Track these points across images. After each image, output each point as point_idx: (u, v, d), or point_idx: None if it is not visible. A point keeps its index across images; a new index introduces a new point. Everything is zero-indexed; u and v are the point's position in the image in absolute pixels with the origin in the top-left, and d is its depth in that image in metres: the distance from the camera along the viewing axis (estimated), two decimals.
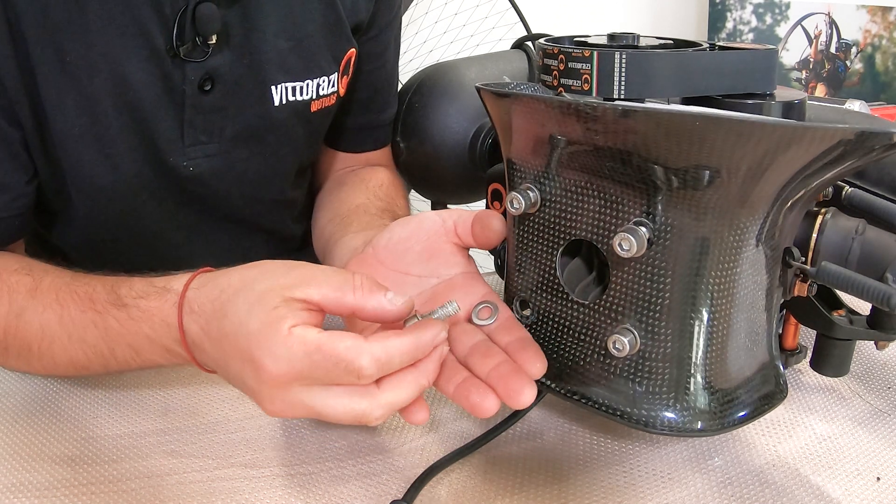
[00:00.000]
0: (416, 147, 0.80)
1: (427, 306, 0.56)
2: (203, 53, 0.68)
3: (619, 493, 0.59)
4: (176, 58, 0.67)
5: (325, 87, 0.77)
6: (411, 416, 0.52)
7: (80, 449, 0.64)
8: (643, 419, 0.52)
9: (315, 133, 0.82)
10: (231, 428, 0.67)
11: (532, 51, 0.89)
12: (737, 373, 0.54)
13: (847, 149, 0.47)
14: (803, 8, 1.95)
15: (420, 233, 0.58)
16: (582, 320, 0.55)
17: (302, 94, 0.75)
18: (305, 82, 0.75)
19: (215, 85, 0.70)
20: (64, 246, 0.78)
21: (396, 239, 0.59)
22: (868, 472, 0.61)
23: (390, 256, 0.59)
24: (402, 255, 0.59)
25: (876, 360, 0.75)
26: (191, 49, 0.67)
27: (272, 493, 0.59)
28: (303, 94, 0.75)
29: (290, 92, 0.74)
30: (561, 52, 0.57)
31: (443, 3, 1.85)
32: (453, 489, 0.59)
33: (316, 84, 0.76)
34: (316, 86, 0.76)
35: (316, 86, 0.76)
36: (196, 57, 0.68)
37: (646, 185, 0.50)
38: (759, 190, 0.49)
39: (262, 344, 0.46)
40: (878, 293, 0.51)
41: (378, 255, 0.59)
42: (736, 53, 0.58)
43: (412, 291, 0.58)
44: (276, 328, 0.46)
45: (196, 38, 0.67)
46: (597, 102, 0.49)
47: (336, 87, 0.78)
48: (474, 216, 0.58)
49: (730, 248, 0.51)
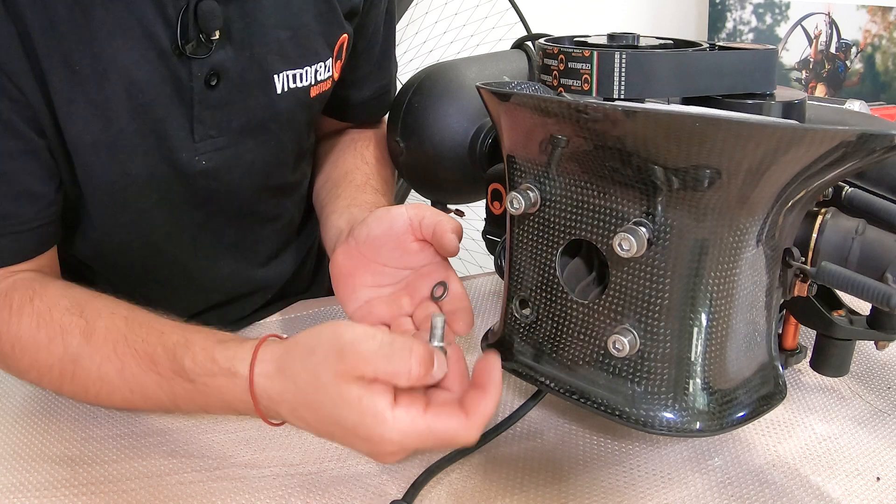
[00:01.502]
0: (416, 147, 0.80)
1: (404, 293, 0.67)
2: (207, 50, 0.69)
3: (619, 493, 0.59)
4: (182, 56, 0.68)
5: (322, 73, 0.80)
6: None
7: (80, 449, 0.64)
8: (642, 419, 0.52)
9: (314, 118, 0.85)
10: (231, 428, 0.67)
11: (532, 51, 0.89)
12: (736, 373, 0.54)
13: (848, 150, 0.47)
14: (803, 8, 1.95)
15: (391, 232, 0.66)
16: (582, 320, 0.55)
17: (302, 81, 0.78)
18: (304, 69, 0.77)
19: (221, 80, 0.71)
20: (78, 256, 0.78)
21: (373, 236, 0.67)
22: (868, 472, 0.61)
23: (369, 250, 0.67)
24: (378, 250, 0.67)
25: (876, 360, 0.75)
26: (195, 46, 0.68)
27: (272, 493, 0.59)
28: (302, 81, 0.78)
29: (290, 79, 0.77)
30: (561, 52, 0.57)
31: (443, 3, 1.84)
32: (453, 489, 0.59)
33: (314, 70, 0.78)
34: (314, 72, 0.79)
35: (314, 72, 0.79)
36: (201, 54, 0.69)
37: (646, 186, 0.50)
38: (759, 191, 0.49)
39: (374, 431, 0.51)
40: (878, 293, 0.51)
41: (360, 247, 0.68)
42: (736, 53, 0.58)
43: (390, 280, 0.68)
44: (381, 419, 0.51)
45: (199, 35, 0.68)
46: (597, 103, 0.49)
47: (331, 71, 0.81)
48: (433, 228, 0.64)
49: (729, 249, 0.51)
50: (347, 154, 0.91)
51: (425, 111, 0.79)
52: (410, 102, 0.80)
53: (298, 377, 0.54)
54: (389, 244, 0.66)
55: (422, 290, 0.66)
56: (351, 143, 0.93)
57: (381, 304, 0.67)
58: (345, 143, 0.93)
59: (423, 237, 0.66)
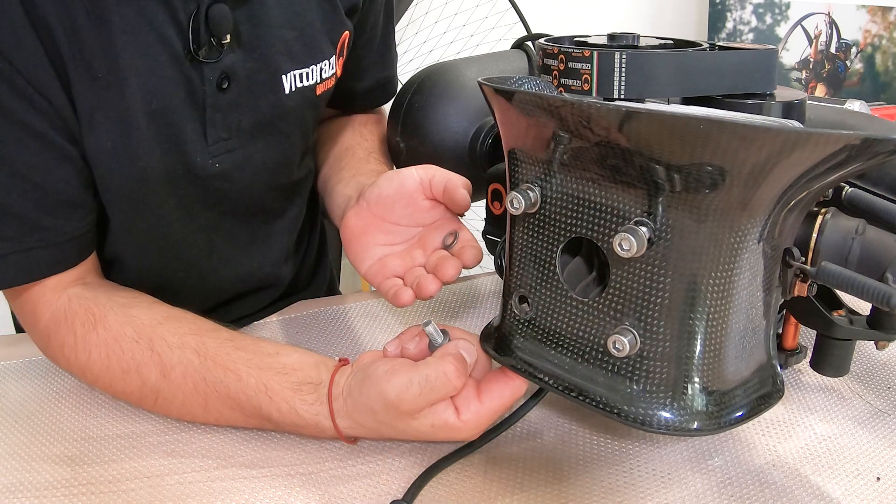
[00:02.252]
0: (416, 147, 0.80)
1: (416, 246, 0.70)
2: (218, 53, 0.70)
3: (619, 493, 0.59)
4: (194, 60, 0.69)
5: (327, 70, 0.81)
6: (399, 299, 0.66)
7: (80, 449, 0.64)
8: (640, 418, 0.52)
9: (319, 115, 0.86)
10: (231, 428, 0.67)
11: (532, 51, 0.89)
12: (734, 373, 0.54)
13: (851, 154, 0.47)
14: (803, 8, 1.95)
15: (403, 191, 0.69)
16: (581, 319, 0.55)
17: (308, 80, 0.79)
18: (310, 68, 0.78)
19: (231, 82, 0.72)
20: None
21: (384, 195, 0.69)
22: (868, 472, 0.61)
23: (381, 209, 0.70)
24: (389, 208, 0.69)
25: (876, 360, 0.75)
26: (208, 50, 0.69)
27: (272, 493, 0.59)
28: (309, 80, 0.79)
29: (297, 79, 0.78)
30: (561, 52, 0.57)
31: (443, 3, 1.84)
32: (453, 489, 0.59)
33: (319, 68, 0.79)
34: (319, 70, 0.80)
35: (319, 70, 0.80)
36: (212, 57, 0.69)
37: (647, 186, 0.50)
38: (761, 193, 0.49)
39: (457, 437, 0.60)
40: (878, 293, 0.51)
41: (371, 207, 0.70)
42: (736, 53, 0.58)
43: (402, 238, 0.71)
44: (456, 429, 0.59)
45: (211, 39, 0.69)
46: (600, 103, 0.49)
47: (335, 68, 0.82)
48: (444, 185, 0.67)
49: (730, 250, 0.51)
50: (346, 132, 0.94)
51: (425, 111, 0.79)
52: (411, 102, 0.80)
53: (375, 427, 0.60)
54: (401, 202, 0.69)
55: (433, 242, 0.69)
56: (349, 122, 0.96)
57: (395, 259, 0.70)
58: (343, 122, 0.96)
59: (434, 195, 0.68)
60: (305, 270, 0.99)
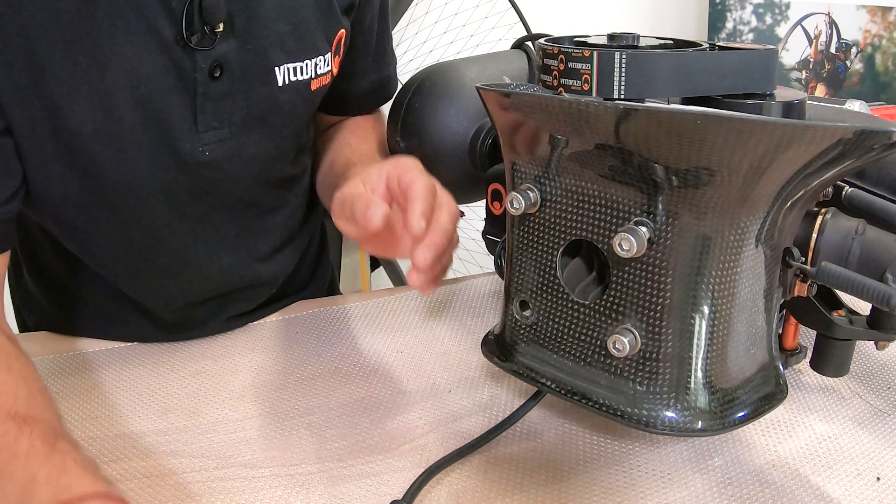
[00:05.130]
0: (416, 147, 0.80)
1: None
2: (211, 42, 0.70)
3: (619, 493, 0.59)
4: (186, 48, 0.69)
5: (322, 66, 0.81)
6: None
7: None
8: (644, 419, 0.52)
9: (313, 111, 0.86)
10: (231, 428, 0.67)
11: (532, 51, 0.89)
12: (737, 372, 0.54)
13: (846, 147, 0.47)
14: (803, 8, 1.95)
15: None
16: (582, 320, 0.55)
17: (302, 74, 0.79)
18: (305, 62, 0.79)
19: (224, 71, 0.73)
20: (76, 243, 0.79)
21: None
22: (868, 472, 0.61)
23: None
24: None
25: (876, 360, 0.75)
26: (200, 38, 0.69)
27: (272, 493, 0.59)
28: (303, 74, 0.79)
29: (291, 72, 0.78)
30: (561, 52, 0.57)
31: (443, 3, 1.84)
32: (453, 489, 0.59)
33: (314, 63, 0.80)
34: (314, 65, 0.80)
35: (314, 65, 0.80)
36: (205, 45, 0.70)
37: (646, 185, 0.50)
38: (759, 189, 0.49)
39: None
40: (878, 293, 0.51)
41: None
42: (736, 53, 0.58)
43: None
44: None
45: (204, 27, 0.69)
46: (598, 102, 0.49)
47: (330, 66, 0.82)
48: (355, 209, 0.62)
49: (730, 248, 0.51)
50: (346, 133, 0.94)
51: (425, 111, 0.79)
52: (410, 102, 0.80)
53: None
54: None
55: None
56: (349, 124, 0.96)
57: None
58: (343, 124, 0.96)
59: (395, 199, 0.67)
60: (304, 268, 0.99)
